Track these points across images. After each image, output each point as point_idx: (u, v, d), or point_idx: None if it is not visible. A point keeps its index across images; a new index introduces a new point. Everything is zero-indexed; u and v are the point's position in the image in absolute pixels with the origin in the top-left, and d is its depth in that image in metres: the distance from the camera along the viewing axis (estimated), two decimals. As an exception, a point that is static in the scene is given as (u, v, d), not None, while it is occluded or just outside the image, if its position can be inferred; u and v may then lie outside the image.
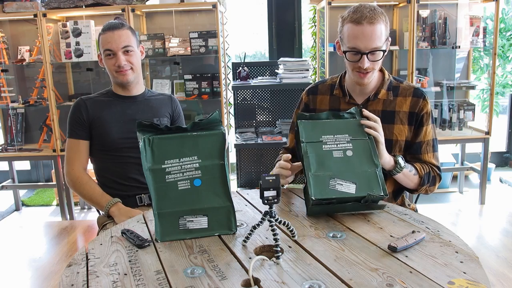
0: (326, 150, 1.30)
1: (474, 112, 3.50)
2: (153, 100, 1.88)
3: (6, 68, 3.45)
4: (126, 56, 1.74)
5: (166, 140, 1.12)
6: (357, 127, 1.36)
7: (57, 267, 2.70)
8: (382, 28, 1.42)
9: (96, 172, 1.87)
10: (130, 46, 1.74)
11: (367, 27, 1.39)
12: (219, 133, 1.14)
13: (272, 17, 3.83)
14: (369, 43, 1.41)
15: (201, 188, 1.15)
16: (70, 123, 1.79)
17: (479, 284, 0.89)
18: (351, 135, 1.34)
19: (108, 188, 1.79)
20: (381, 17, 1.42)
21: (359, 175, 1.28)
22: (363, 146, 1.33)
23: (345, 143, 1.32)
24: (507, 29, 4.07)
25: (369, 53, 1.43)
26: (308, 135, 1.32)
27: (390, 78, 1.58)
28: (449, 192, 3.80)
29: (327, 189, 1.25)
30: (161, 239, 1.15)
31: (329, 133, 1.33)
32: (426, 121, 1.54)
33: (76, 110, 1.79)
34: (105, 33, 1.73)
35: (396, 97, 1.55)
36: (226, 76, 3.67)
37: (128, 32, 1.75)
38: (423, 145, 1.55)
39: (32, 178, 4.25)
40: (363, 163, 1.30)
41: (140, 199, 1.80)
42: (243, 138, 3.36)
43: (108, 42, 1.71)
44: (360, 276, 0.94)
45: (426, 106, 1.54)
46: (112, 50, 1.72)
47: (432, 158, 1.56)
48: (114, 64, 1.74)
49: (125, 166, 1.78)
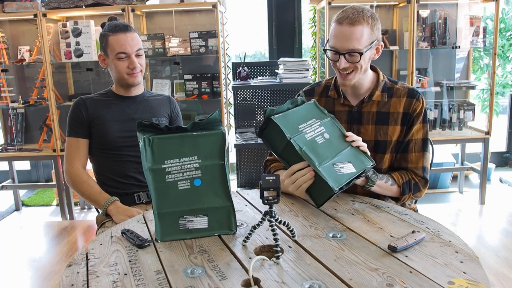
0: (310, 139, 1.30)
1: (474, 112, 3.50)
2: (152, 100, 1.89)
3: (6, 68, 3.45)
4: (137, 58, 1.75)
5: (166, 140, 1.12)
6: (315, 108, 1.40)
7: (57, 267, 2.70)
8: (364, 31, 1.41)
9: (95, 171, 1.88)
10: (141, 49, 1.76)
11: (347, 28, 1.40)
12: (219, 133, 1.14)
13: (272, 17, 3.83)
14: (345, 43, 1.41)
15: (201, 188, 1.15)
16: (70, 122, 1.80)
17: (479, 284, 0.89)
18: (317, 118, 1.37)
19: (107, 186, 1.80)
20: (366, 19, 1.40)
21: (346, 154, 1.33)
22: (331, 126, 1.37)
23: (318, 127, 1.34)
24: (507, 29, 4.07)
25: (346, 54, 1.43)
26: (289, 129, 1.28)
27: (384, 80, 1.57)
28: (449, 192, 3.80)
29: (338, 175, 1.26)
30: (161, 239, 1.16)
31: (301, 122, 1.32)
32: (417, 120, 1.53)
33: (75, 109, 1.79)
34: (116, 34, 1.71)
35: (390, 99, 1.55)
36: (226, 76, 3.67)
37: (137, 35, 1.77)
38: (411, 143, 1.54)
39: (32, 178, 4.25)
40: (341, 142, 1.35)
41: (139, 197, 1.81)
42: (243, 138, 3.36)
43: (122, 44, 1.71)
44: (360, 276, 0.94)
45: (420, 106, 1.53)
46: (126, 53, 1.72)
47: (419, 158, 1.54)
48: (127, 66, 1.74)
49: (124, 165, 1.80)
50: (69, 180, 1.77)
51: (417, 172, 1.54)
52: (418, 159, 1.54)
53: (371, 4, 3.36)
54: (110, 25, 1.76)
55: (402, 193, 1.51)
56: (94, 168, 1.88)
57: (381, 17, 3.53)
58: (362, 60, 1.43)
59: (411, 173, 1.54)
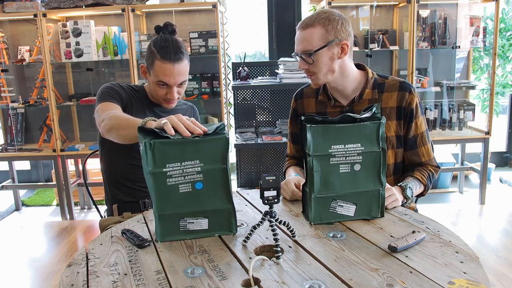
0: (333, 164, 1.20)
1: (474, 112, 3.50)
2: (179, 110, 1.83)
3: (6, 68, 3.45)
4: (178, 88, 1.67)
5: (168, 144, 1.10)
6: (373, 132, 1.20)
7: (57, 267, 2.70)
8: (315, 32, 1.46)
9: (104, 171, 1.82)
10: (186, 80, 1.67)
11: (299, 32, 1.50)
12: (222, 138, 1.12)
13: (272, 17, 3.83)
14: (298, 46, 1.50)
15: (202, 191, 1.14)
16: (105, 92, 1.65)
17: (479, 284, 0.89)
18: (364, 144, 1.20)
19: (115, 188, 1.78)
20: (319, 21, 1.46)
21: (361, 195, 1.23)
22: (374, 159, 1.22)
23: (355, 155, 1.20)
24: (507, 29, 4.07)
25: (302, 55, 1.50)
26: (316, 146, 1.18)
27: (374, 76, 1.59)
28: (449, 192, 3.80)
29: (327, 212, 1.23)
30: (161, 240, 1.15)
31: (339, 142, 1.19)
32: (416, 114, 1.56)
33: (113, 85, 1.69)
34: (164, 62, 1.58)
35: (381, 94, 1.57)
36: (226, 76, 3.67)
37: (186, 63, 1.65)
38: (418, 138, 1.58)
39: (32, 178, 4.26)
40: (369, 180, 1.23)
41: (144, 204, 1.77)
42: (243, 138, 3.36)
43: (166, 75, 1.60)
44: (360, 276, 0.94)
45: (414, 99, 1.55)
46: (168, 84, 1.63)
47: (429, 149, 1.61)
48: (165, 94, 1.66)
49: (134, 168, 1.74)
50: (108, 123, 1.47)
51: (432, 163, 1.61)
52: (428, 151, 1.60)
53: (371, 4, 3.36)
54: (162, 45, 1.60)
55: (426, 189, 1.58)
56: (103, 168, 1.81)
57: (381, 17, 3.53)
58: (318, 60, 1.48)
59: (427, 166, 1.60)
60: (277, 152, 3.65)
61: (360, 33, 3.50)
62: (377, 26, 3.50)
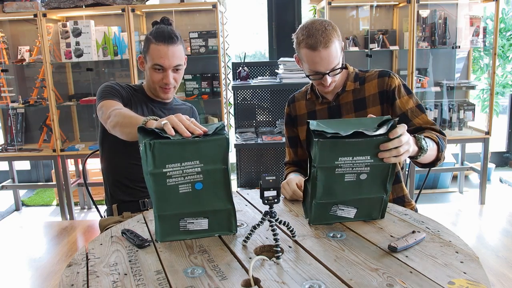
0: (339, 174, 1.17)
1: (474, 112, 3.50)
2: (179, 109, 1.84)
3: (6, 68, 3.45)
4: (174, 73, 1.68)
5: (168, 144, 1.10)
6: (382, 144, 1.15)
7: (57, 267, 2.70)
8: (337, 45, 1.49)
9: (104, 170, 1.82)
10: (180, 64, 1.68)
11: (323, 51, 1.47)
12: (222, 138, 1.12)
13: (272, 17, 3.83)
14: (328, 65, 1.50)
15: (202, 191, 1.14)
16: (106, 90, 1.66)
17: (479, 284, 0.89)
18: (373, 157, 1.15)
19: (115, 188, 1.77)
20: (333, 34, 1.47)
21: (363, 200, 1.22)
22: (382, 170, 1.18)
23: (362, 166, 1.16)
24: (507, 29, 4.07)
25: (329, 72, 1.51)
26: (322, 159, 1.14)
27: (355, 71, 1.66)
28: (449, 192, 3.80)
29: (327, 214, 1.23)
30: (161, 240, 1.15)
31: (348, 155, 1.14)
32: (399, 93, 1.56)
33: (112, 84, 1.70)
34: (158, 44, 1.62)
35: (363, 85, 1.62)
36: (226, 76, 3.67)
37: (181, 48, 1.67)
38: (408, 113, 1.54)
39: (32, 178, 4.26)
40: (373, 188, 1.20)
41: (143, 204, 1.77)
42: (243, 138, 3.36)
43: (161, 57, 1.62)
44: (360, 276, 0.94)
45: (394, 81, 1.57)
46: (163, 66, 1.64)
47: (425, 118, 1.54)
48: (161, 79, 1.67)
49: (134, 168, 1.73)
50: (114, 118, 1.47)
51: (433, 127, 1.50)
52: (425, 119, 1.54)
53: (371, 4, 3.36)
54: (157, 30, 1.65)
55: (441, 150, 1.42)
56: (104, 167, 1.81)
57: (381, 17, 3.53)
58: None
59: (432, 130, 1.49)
60: (277, 152, 3.65)
61: (360, 33, 3.50)
62: (377, 26, 3.50)
